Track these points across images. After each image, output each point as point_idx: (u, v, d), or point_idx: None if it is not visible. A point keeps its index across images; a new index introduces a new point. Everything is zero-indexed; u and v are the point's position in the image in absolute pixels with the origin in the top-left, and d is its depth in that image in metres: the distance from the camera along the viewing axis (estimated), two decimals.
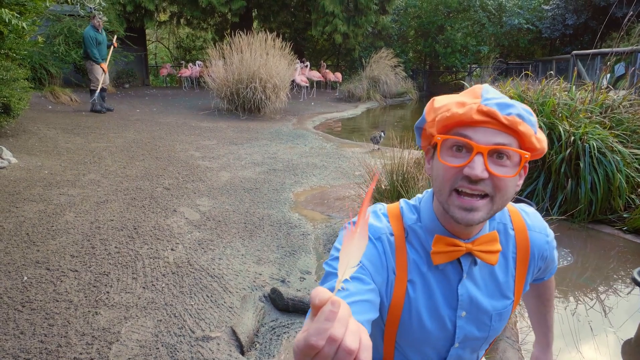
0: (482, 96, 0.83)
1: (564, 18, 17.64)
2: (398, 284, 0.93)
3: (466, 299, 0.94)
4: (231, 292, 2.61)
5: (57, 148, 5.84)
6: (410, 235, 0.95)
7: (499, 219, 0.99)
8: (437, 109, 0.88)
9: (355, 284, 0.85)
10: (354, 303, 0.81)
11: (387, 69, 15.30)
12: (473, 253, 0.90)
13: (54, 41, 11.37)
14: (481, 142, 0.81)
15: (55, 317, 2.24)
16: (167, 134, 7.40)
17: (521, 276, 0.99)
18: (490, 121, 0.81)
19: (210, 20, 19.19)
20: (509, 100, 0.83)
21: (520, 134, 0.82)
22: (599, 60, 10.53)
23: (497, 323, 0.99)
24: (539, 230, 1.01)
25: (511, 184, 0.84)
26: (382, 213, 0.98)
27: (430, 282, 0.94)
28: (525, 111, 0.83)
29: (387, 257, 0.93)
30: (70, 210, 3.69)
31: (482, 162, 0.80)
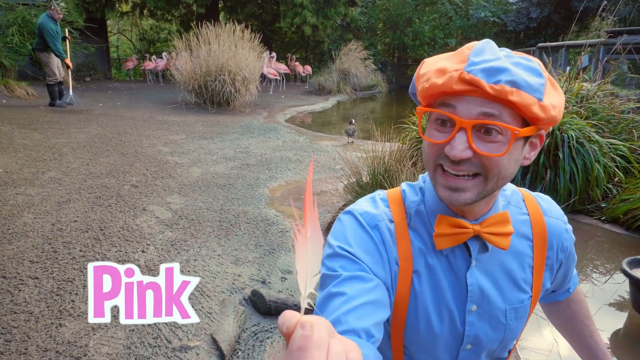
0: (469, 59, 0.70)
1: (528, 11, 18.03)
2: (402, 276, 0.81)
3: (476, 289, 0.82)
4: (209, 296, 2.45)
5: (13, 144, 5.46)
6: (414, 219, 0.84)
7: (514, 202, 0.87)
8: (421, 76, 0.76)
9: (354, 284, 0.73)
10: (356, 308, 0.70)
11: (356, 62, 15.22)
12: (481, 236, 0.79)
13: (7, 31, 10.71)
14: (465, 114, 0.69)
15: (13, 332, 2.02)
16: (132, 129, 7.08)
17: (539, 267, 0.87)
18: (474, 89, 0.68)
19: (175, 12, 18.61)
20: (503, 63, 0.68)
21: (514, 104, 0.68)
22: (564, 52, 10.76)
23: (513, 321, 0.86)
24: (556, 216, 0.89)
25: (506, 161, 0.71)
26: (381, 198, 0.87)
27: (437, 272, 0.82)
28: (525, 72, 0.69)
29: (387, 247, 0.81)
30: (28, 211, 3.41)
31: (464, 140, 0.69)
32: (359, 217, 0.83)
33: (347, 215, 0.84)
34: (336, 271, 0.76)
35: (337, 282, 0.74)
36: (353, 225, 0.82)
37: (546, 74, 0.71)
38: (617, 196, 3.68)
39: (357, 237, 0.80)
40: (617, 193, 3.75)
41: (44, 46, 8.21)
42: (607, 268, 3.12)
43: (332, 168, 5.10)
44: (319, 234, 0.44)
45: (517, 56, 0.72)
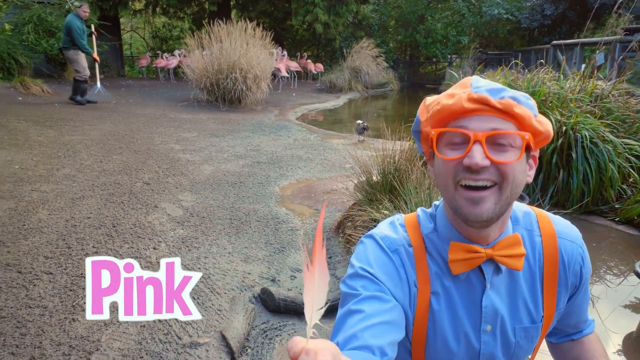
0: (472, 85, 0.79)
1: (543, 8, 17.78)
2: (421, 297, 0.85)
3: (490, 311, 0.86)
4: (219, 293, 2.47)
5: (29, 141, 5.55)
6: (429, 245, 0.88)
7: (523, 224, 0.90)
8: (428, 106, 0.83)
9: (373, 303, 0.78)
10: (373, 326, 0.75)
11: (368, 60, 15.16)
12: (495, 259, 0.82)
13: (23, 30, 10.88)
14: (477, 129, 0.76)
15: (28, 326, 2.06)
16: (145, 126, 7.14)
17: (551, 290, 0.89)
18: (483, 108, 0.76)
19: (187, 9, 18.72)
20: (500, 85, 0.79)
21: (518, 117, 0.76)
22: (579, 50, 10.61)
23: (522, 340, 0.89)
24: (571, 238, 0.90)
25: (518, 169, 0.77)
26: (400, 223, 0.92)
27: (453, 294, 0.86)
28: (520, 94, 0.79)
29: (406, 270, 0.86)
30: (43, 208, 3.47)
31: (481, 151, 0.75)
32: (379, 241, 0.88)
33: (369, 239, 0.89)
34: (357, 290, 0.81)
35: (357, 301, 0.79)
36: (374, 248, 0.87)
37: (533, 100, 0.81)
38: (632, 197, 3.62)
39: (378, 260, 0.85)
40: (632, 194, 3.69)
41: (71, 44, 8.40)
42: (620, 270, 3.08)
43: (342, 167, 5.10)
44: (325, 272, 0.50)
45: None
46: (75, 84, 8.72)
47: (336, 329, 0.78)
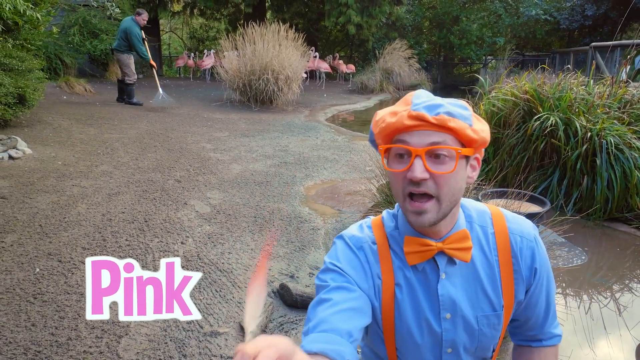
0: (412, 102, 0.88)
1: (583, 9, 17.25)
2: (385, 288, 0.97)
3: (447, 299, 0.96)
4: (240, 287, 2.61)
5: (71, 139, 5.89)
6: (391, 241, 1.00)
7: (477, 221, 1.01)
8: (377, 121, 0.93)
9: (340, 293, 0.91)
10: (340, 312, 0.87)
11: (400, 61, 15.11)
12: (445, 251, 0.94)
13: (69, 31, 11.44)
14: (417, 144, 0.86)
15: (66, 310, 2.26)
16: (179, 125, 7.43)
17: (508, 281, 0.99)
18: (421, 124, 0.86)
19: (224, 11, 19.14)
20: (438, 100, 0.88)
21: (453, 130, 0.86)
22: (619, 52, 10.27)
23: (485, 328, 0.99)
24: (521, 234, 1.00)
25: (454, 179, 0.88)
26: (367, 225, 1.05)
27: (414, 284, 0.98)
28: (456, 106, 0.88)
29: (370, 265, 0.98)
30: (82, 202, 3.72)
31: (421, 164, 0.85)
32: (347, 240, 1.01)
33: (339, 239, 1.03)
34: (327, 282, 0.94)
35: (326, 291, 0.92)
36: (343, 246, 1.00)
37: (470, 109, 0.90)
38: None
39: (345, 256, 0.98)
40: None
41: (126, 48, 8.76)
42: None
43: (365, 169, 5.18)
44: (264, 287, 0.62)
45: (448, 98, 0.91)
46: (127, 88, 9.06)
47: (308, 317, 0.90)
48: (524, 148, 3.96)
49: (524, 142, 3.96)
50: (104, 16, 12.34)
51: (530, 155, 3.91)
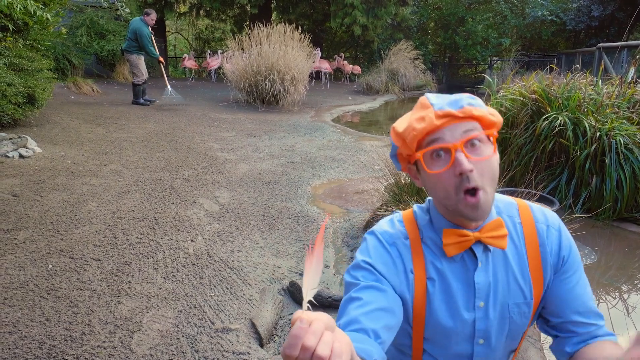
0: (432, 104, 0.92)
1: (590, 9, 17.17)
2: (418, 283, 0.98)
3: (483, 287, 0.98)
4: (250, 284, 2.63)
5: (80, 138, 5.94)
6: (425, 236, 1.01)
7: (506, 212, 1.03)
8: (401, 133, 0.95)
9: (370, 292, 0.92)
10: (369, 312, 0.88)
11: (406, 62, 15.11)
12: (482, 240, 0.95)
13: (77, 32, 11.52)
14: (452, 139, 0.89)
15: (79, 305, 2.28)
16: (186, 125, 7.46)
17: (537, 269, 1.00)
18: (450, 119, 0.90)
19: (230, 12, 19.17)
20: (454, 97, 0.93)
21: (478, 118, 0.91)
22: (627, 53, 10.22)
23: (516, 316, 0.99)
24: (546, 223, 1.03)
25: (493, 163, 0.92)
26: (398, 220, 1.05)
27: (447, 277, 0.98)
28: (470, 98, 0.93)
29: (403, 260, 0.99)
30: (92, 200, 3.75)
31: (464, 156, 0.88)
32: (379, 236, 1.01)
33: (370, 235, 1.03)
34: (358, 280, 0.95)
35: (357, 289, 0.93)
36: (374, 242, 1.01)
37: (476, 97, 0.96)
38: None
39: (377, 253, 0.99)
40: None
41: (136, 48, 8.81)
42: None
43: (374, 168, 5.19)
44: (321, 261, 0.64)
45: (453, 94, 0.95)
46: (135, 88, 9.10)
47: (340, 314, 0.91)
48: (532, 148, 3.96)
49: (532, 141, 3.95)
50: (111, 17, 12.42)
51: (539, 155, 3.91)
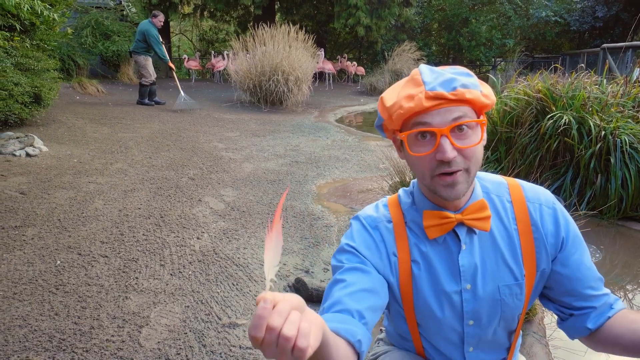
0: (424, 82, 0.86)
1: (594, 10, 17.16)
2: (402, 266, 0.98)
3: (468, 269, 0.96)
4: (256, 281, 2.65)
5: (86, 137, 5.97)
6: (408, 218, 1.00)
7: (494, 192, 1.01)
8: (389, 108, 0.91)
9: (354, 274, 0.92)
10: (353, 293, 0.88)
11: (409, 62, 15.12)
12: (464, 222, 0.94)
13: (82, 33, 11.59)
14: (439, 124, 0.85)
15: (88, 300, 2.30)
16: (191, 125, 7.49)
17: (529, 249, 0.98)
18: (441, 102, 0.85)
19: (233, 13, 19.26)
20: (448, 75, 0.87)
21: (470, 101, 0.87)
22: (631, 53, 10.20)
23: (508, 298, 0.98)
24: (539, 202, 1.00)
25: (479, 148, 0.89)
26: (383, 204, 1.05)
27: (432, 259, 0.98)
28: (465, 76, 0.88)
29: (386, 243, 0.99)
30: (99, 198, 3.77)
31: (448, 143, 0.85)
32: (362, 220, 1.02)
33: (355, 220, 1.04)
34: (342, 263, 0.95)
35: (341, 271, 0.93)
36: (358, 227, 1.01)
37: (473, 74, 0.90)
38: None
39: (360, 236, 0.99)
40: None
41: (143, 50, 8.86)
42: None
43: (378, 167, 5.20)
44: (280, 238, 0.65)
45: (448, 68, 0.90)
46: (142, 88, 9.15)
47: (325, 296, 0.92)
48: (537, 147, 3.96)
49: (537, 141, 3.96)
50: (116, 18, 12.49)
51: (543, 154, 3.91)
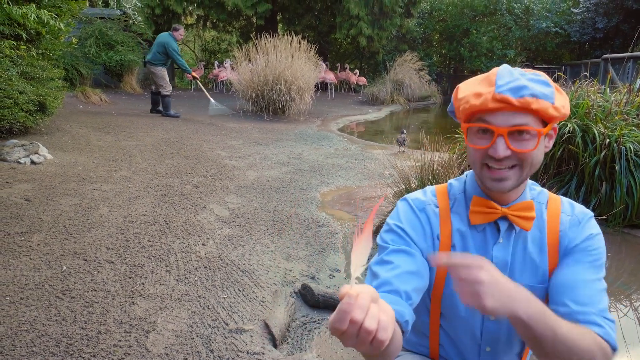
0: (496, 83, 0.90)
1: (594, 21, 17.27)
2: (442, 248, 1.02)
3: (500, 262, 1.00)
4: (262, 287, 2.64)
5: (90, 146, 5.99)
6: (456, 204, 1.05)
7: (537, 198, 1.04)
8: (459, 99, 0.97)
9: (400, 256, 0.96)
10: (400, 275, 0.92)
11: (411, 73, 15.23)
12: (508, 217, 0.97)
13: (85, 43, 11.67)
14: (500, 125, 0.89)
15: (94, 306, 2.30)
16: (194, 134, 7.52)
17: (554, 256, 1.01)
18: (505, 106, 0.88)
19: (236, 24, 19.42)
20: (522, 81, 0.88)
21: (536, 111, 0.89)
22: (632, 64, 10.26)
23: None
24: (571, 214, 1.02)
25: (535, 153, 0.92)
26: (430, 191, 1.09)
27: (469, 245, 1.01)
28: (539, 85, 0.89)
29: (431, 225, 1.03)
30: (104, 205, 3.78)
31: (503, 143, 0.89)
32: (410, 202, 1.06)
33: (402, 202, 1.08)
34: (387, 244, 0.99)
35: (387, 252, 0.98)
36: (405, 208, 1.06)
37: (553, 84, 0.91)
38: None
39: (407, 217, 1.03)
40: None
41: (161, 62, 8.88)
42: None
43: (382, 175, 5.21)
44: (370, 240, 0.68)
45: (529, 73, 0.92)
46: (166, 99, 9.12)
47: (370, 275, 0.95)
48: None
49: None
50: (120, 28, 12.58)
51: (548, 161, 3.92)
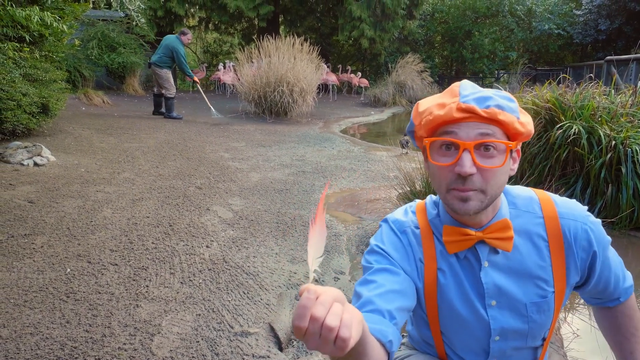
0: (460, 94, 0.87)
1: (597, 23, 17.25)
2: (428, 272, 0.98)
3: (492, 287, 0.96)
4: (267, 289, 2.62)
5: (92, 147, 5.99)
6: (433, 228, 1.01)
7: (524, 207, 0.99)
8: (421, 113, 0.92)
9: (384, 275, 0.93)
10: (383, 293, 0.88)
11: (413, 74, 15.22)
12: (486, 241, 0.93)
13: (88, 45, 11.69)
14: (465, 138, 0.85)
15: (99, 308, 2.28)
16: (196, 136, 7.51)
17: (559, 265, 0.96)
18: (471, 116, 0.85)
19: (238, 26, 19.43)
20: (487, 92, 0.86)
21: (502, 123, 0.85)
22: (635, 66, 10.24)
23: (535, 315, 0.96)
24: (573, 217, 0.97)
25: (500, 172, 0.88)
26: (411, 210, 1.06)
27: (458, 270, 0.98)
28: (504, 99, 0.87)
29: (412, 248, 0.99)
30: (107, 207, 3.77)
31: (469, 158, 0.84)
32: (391, 224, 1.03)
33: (384, 223, 1.05)
34: (371, 264, 0.96)
35: (370, 272, 0.94)
36: (387, 230, 1.02)
37: (516, 101, 0.89)
38: None
39: (389, 239, 1.00)
40: None
41: (166, 64, 8.88)
42: None
43: (385, 177, 5.19)
44: (324, 229, 0.65)
45: (492, 89, 0.90)
46: (169, 102, 9.14)
47: (355, 296, 0.92)
48: (546, 157, 3.95)
49: (546, 151, 3.95)
50: (122, 30, 12.60)
51: (553, 164, 3.90)
